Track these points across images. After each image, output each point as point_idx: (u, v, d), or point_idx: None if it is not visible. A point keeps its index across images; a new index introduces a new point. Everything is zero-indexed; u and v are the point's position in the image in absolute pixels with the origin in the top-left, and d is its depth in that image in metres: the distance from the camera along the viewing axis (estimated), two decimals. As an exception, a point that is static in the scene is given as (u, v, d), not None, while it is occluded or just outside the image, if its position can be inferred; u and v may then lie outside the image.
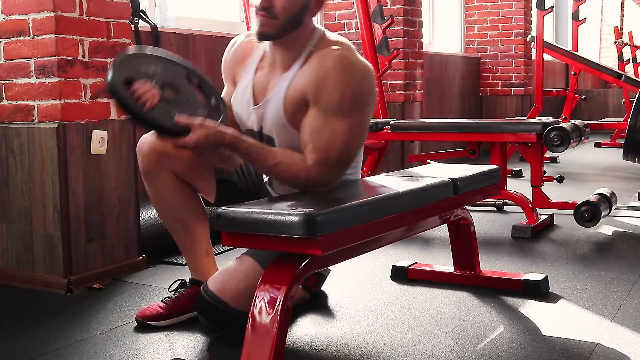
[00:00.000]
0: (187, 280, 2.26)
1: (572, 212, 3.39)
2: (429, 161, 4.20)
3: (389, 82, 5.46)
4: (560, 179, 3.72)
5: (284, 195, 2.05)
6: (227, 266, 2.06)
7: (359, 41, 4.81)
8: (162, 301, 2.22)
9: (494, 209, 4.00)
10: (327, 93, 1.89)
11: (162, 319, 2.17)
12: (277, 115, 1.98)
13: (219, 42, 3.89)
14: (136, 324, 2.19)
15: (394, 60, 4.87)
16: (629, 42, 9.09)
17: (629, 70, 9.06)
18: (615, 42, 9.00)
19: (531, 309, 2.31)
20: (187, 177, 2.18)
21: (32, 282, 2.64)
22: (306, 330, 2.16)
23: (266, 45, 2.04)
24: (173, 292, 2.24)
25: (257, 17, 1.93)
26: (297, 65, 1.97)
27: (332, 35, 2.03)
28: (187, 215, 2.20)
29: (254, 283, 1.74)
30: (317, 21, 5.37)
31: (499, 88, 7.74)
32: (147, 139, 2.16)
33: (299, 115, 1.95)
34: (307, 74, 1.93)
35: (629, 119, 3.59)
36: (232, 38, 2.20)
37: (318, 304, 2.40)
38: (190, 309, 2.18)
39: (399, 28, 5.38)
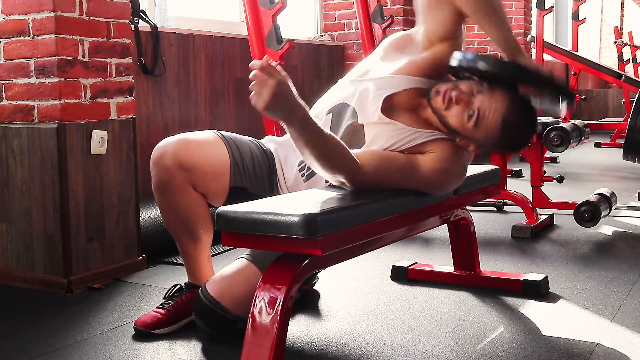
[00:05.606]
0: (183, 285, 2.21)
1: (572, 212, 3.39)
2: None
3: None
4: (560, 179, 3.72)
5: (283, 195, 2.05)
6: (226, 270, 2.05)
7: (358, 41, 4.80)
8: (159, 307, 2.16)
9: (494, 209, 4.00)
10: (426, 160, 1.92)
11: (163, 327, 2.12)
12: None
13: (219, 42, 3.89)
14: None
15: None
16: (629, 42, 9.08)
17: (629, 70, 9.05)
18: (615, 42, 8.99)
19: (531, 309, 2.31)
20: (204, 189, 2.09)
21: (32, 282, 2.64)
22: (306, 330, 2.16)
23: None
24: (170, 298, 2.18)
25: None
26: None
27: None
28: (197, 227, 2.13)
29: (252, 288, 1.73)
30: (319, 26, 5.38)
31: (499, 88, 7.70)
32: (168, 149, 2.03)
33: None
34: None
35: (629, 119, 3.59)
36: (232, 38, 2.19)
37: (317, 304, 2.40)
38: (189, 314, 2.14)
39: (399, 28, 5.37)
